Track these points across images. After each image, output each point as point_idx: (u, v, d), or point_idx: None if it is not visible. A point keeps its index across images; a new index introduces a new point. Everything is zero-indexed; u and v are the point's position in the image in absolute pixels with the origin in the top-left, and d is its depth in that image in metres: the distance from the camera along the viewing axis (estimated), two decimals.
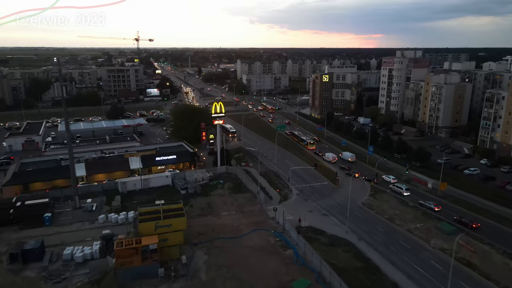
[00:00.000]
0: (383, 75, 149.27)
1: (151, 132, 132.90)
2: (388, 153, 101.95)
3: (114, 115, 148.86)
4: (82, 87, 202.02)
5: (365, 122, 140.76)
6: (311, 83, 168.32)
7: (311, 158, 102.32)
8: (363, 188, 79.97)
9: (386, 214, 67.22)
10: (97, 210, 67.95)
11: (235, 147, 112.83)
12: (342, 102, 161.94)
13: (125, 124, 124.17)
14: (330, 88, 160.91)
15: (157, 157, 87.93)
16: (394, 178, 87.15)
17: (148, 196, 74.85)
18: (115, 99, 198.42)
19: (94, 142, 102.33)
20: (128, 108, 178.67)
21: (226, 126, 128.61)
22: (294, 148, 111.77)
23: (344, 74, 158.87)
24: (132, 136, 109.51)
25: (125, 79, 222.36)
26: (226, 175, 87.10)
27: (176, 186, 78.48)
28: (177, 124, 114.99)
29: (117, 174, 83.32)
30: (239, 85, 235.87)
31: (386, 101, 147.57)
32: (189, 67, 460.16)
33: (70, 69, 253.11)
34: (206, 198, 74.17)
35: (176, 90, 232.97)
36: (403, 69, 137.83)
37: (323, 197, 75.75)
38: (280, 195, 75.77)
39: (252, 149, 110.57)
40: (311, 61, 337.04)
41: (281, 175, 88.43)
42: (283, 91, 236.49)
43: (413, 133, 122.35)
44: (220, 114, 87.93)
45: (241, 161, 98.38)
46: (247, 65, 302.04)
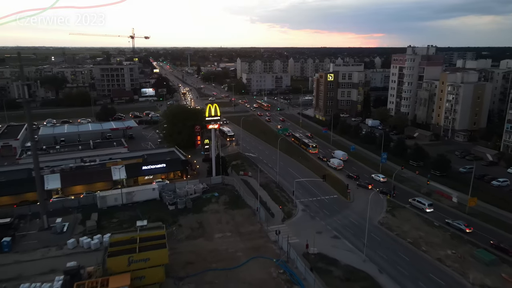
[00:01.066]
0: (393, 73, 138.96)
1: (143, 136, 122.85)
2: (402, 160, 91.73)
3: (104, 116, 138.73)
4: (73, 87, 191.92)
5: (373, 125, 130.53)
6: (314, 83, 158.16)
7: (316, 165, 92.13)
8: (378, 203, 69.71)
9: (409, 237, 56.99)
10: (69, 231, 57.90)
11: (233, 153, 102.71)
12: (348, 102, 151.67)
13: (114, 127, 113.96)
14: (336, 87, 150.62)
15: (144, 166, 77.81)
16: (383, 177, 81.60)
17: (131, 212, 64.82)
18: (107, 100, 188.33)
19: (76, 147, 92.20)
20: (121, 109, 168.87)
21: (223, 129, 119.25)
22: (298, 154, 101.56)
23: (351, 72, 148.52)
24: (119, 141, 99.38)
25: (119, 78, 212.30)
26: (222, 187, 76.98)
27: (164, 200, 68.38)
28: (169, 127, 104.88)
29: (97, 186, 73.27)
30: (238, 85, 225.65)
31: (396, 101, 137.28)
32: (189, 66, 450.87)
33: (62, 67, 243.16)
34: (197, 215, 64.03)
35: (173, 90, 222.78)
36: (415, 67, 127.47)
37: (333, 214, 65.54)
38: (283, 211, 65.60)
39: (252, 155, 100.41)
40: (313, 60, 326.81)
41: (284, 186, 78.29)
42: (284, 90, 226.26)
43: (428, 137, 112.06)
44: (215, 117, 77.80)
45: (240, 169, 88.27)
46: (247, 64, 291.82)
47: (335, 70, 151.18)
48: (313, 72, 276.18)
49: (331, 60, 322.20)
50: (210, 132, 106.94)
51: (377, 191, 75.09)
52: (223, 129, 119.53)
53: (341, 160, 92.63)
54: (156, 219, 61.57)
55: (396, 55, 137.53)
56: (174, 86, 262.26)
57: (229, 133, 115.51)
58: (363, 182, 79.37)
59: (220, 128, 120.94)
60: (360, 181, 79.96)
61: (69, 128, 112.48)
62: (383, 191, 74.11)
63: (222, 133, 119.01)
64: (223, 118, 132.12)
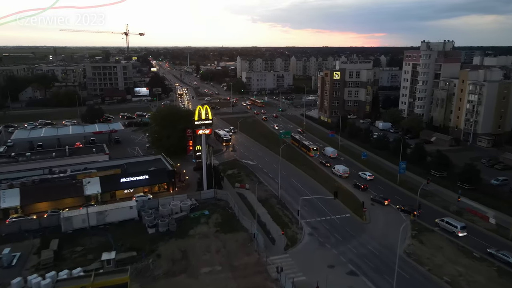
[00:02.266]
0: (405, 71, 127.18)
1: (131, 139, 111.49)
2: (422, 169, 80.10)
3: (91, 118, 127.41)
4: (61, 86, 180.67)
5: (384, 127, 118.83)
6: (319, 81, 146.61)
7: (324, 176, 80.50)
8: (399, 224, 58.01)
9: (445, 274, 45.34)
10: (19, 264, 46.57)
11: (229, 160, 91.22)
12: (355, 103, 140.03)
13: (97, 130, 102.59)
14: (342, 86, 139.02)
15: (123, 178, 66.35)
16: (370, 174, 77.76)
17: (101, 237, 53.49)
18: (98, 99, 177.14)
19: (49, 155, 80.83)
20: (111, 110, 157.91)
21: (219, 132, 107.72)
22: (301, 161, 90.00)
23: (359, 70, 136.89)
24: (100, 147, 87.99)
25: (112, 77, 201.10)
26: (214, 202, 65.52)
27: (144, 221, 56.99)
28: (157, 131, 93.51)
29: (66, 203, 61.89)
30: (237, 84, 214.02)
31: (409, 102, 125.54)
32: (188, 65, 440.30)
33: (53, 66, 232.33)
34: (182, 242, 52.58)
35: (169, 89, 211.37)
36: (431, 64, 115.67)
37: (346, 239, 53.98)
38: (286, 236, 54.07)
39: (250, 163, 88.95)
40: (316, 58, 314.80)
41: (287, 201, 66.78)
42: (286, 90, 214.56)
43: (448, 141, 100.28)
44: (206, 121, 66.30)
45: (235, 180, 76.81)
46: (247, 62, 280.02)
47: (341, 68, 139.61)
48: (316, 71, 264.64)
49: (335, 59, 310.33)
50: None
51: (397, 208, 63.62)
52: (219, 132, 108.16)
53: (347, 167, 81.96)
54: (130, 246, 50.41)
55: (409, 51, 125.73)
56: (171, 85, 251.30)
57: (226, 137, 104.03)
58: (378, 197, 67.91)
59: (215, 131, 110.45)
60: (376, 196, 68.42)
61: (47, 132, 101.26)
62: (404, 209, 62.57)
63: (217, 137, 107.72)
64: (231, 126, 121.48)
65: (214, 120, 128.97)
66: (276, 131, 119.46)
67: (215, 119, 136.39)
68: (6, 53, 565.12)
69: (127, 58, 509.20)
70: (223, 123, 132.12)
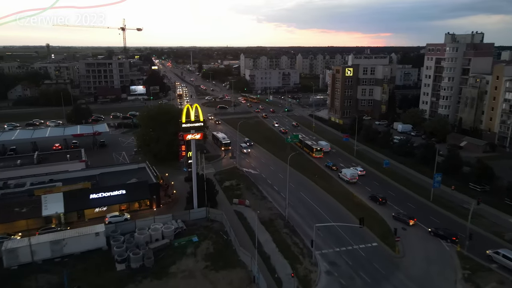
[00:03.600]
0: (428, 67, 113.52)
1: (119, 143, 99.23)
2: (457, 181, 66.57)
3: (77, 118, 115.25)
4: (51, 84, 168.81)
5: (404, 130, 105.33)
6: (329, 79, 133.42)
7: (339, 189, 67.35)
8: (443, 258, 44.95)
9: None
10: None
11: (228, 168, 78.35)
12: (370, 102, 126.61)
13: (78, 133, 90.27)
14: (355, 84, 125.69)
15: (93, 194, 53.66)
16: (361, 170, 72.73)
17: (53, 276, 40.90)
18: (90, 98, 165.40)
19: (13, 162, 68.42)
20: (104, 109, 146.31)
21: (218, 135, 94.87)
22: (309, 168, 76.95)
23: (374, 66, 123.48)
24: (76, 153, 75.49)
25: (107, 75, 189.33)
26: (206, 225, 52.75)
27: (113, 253, 44.33)
28: (145, 133, 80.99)
29: (20, 226, 49.39)
30: (240, 82, 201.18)
31: (432, 101, 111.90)
32: (191, 63, 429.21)
33: (46, 63, 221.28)
34: (158, 284, 39.83)
35: (168, 88, 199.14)
36: (459, 58, 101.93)
37: (377, 282, 40.81)
38: (296, 277, 41.02)
39: (252, 172, 76.10)
40: (323, 56, 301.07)
41: (296, 223, 53.85)
42: (292, 89, 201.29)
43: (481, 147, 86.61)
44: (196, 123, 53.48)
45: (233, 194, 63.98)
46: (251, 60, 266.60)
47: (354, 64, 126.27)
48: (324, 69, 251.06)
49: (343, 56, 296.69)
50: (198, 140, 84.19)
51: (429, 231, 50.57)
52: (217, 135, 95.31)
53: (356, 171, 71.10)
54: None
55: (432, 44, 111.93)
56: (171, 83, 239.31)
57: (225, 141, 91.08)
58: (402, 214, 55.23)
59: (213, 134, 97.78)
60: (399, 214, 55.60)
61: (21, 134, 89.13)
62: (439, 233, 49.49)
63: (216, 140, 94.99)
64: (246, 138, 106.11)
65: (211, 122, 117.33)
66: (278, 130, 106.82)
67: (214, 121, 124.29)
68: (10, 52, 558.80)
69: (130, 57, 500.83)
70: (224, 126, 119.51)
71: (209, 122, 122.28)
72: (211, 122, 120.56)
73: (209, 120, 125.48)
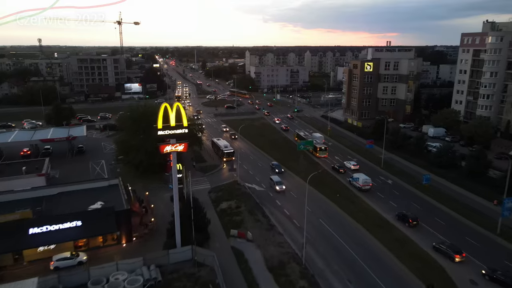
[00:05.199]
0: (463, 60, 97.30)
1: (101, 148, 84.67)
2: None
3: (58, 119, 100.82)
4: (38, 81, 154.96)
5: (437, 134, 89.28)
6: (345, 75, 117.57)
7: (370, 213, 51.78)
8: None
9: None
10: None
11: (227, 183, 63.06)
12: (392, 102, 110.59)
13: (49, 138, 75.65)
14: (375, 81, 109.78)
15: (35, 227, 38.65)
16: (355, 163, 69.65)
17: None
18: (81, 97, 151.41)
19: None
20: (95, 109, 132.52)
21: (218, 143, 78.59)
22: (332, 185, 61.41)
23: (398, 60, 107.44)
24: (37, 163, 60.58)
25: (101, 72, 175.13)
26: (192, 272, 37.58)
27: None
28: (125, 140, 66.03)
29: None
30: (245, 80, 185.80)
31: (467, 101, 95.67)
32: (195, 62, 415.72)
33: (37, 59, 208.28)
34: None
35: (167, 86, 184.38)
36: (504, 50, 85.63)
37: None
38: None
39: (257, 188, 60.79)
40: (333, 53, 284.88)
41: (318, 271, 38.43)
42: (301, 87, 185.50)
43: None
44: (178, 129, 38.29)
45: (232, 221, 48.76)
46: (257, 57, 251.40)
47: (375, 58, 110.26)
48: (334, 67, 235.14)
49: (354, 53, 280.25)
50: (190, 149, 69.35)
51: (482, 274, 35.28)
52: (217, 142, 79.43)
53: (369, 177, 59.07)
54: None
55: (469, 33, 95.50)
56: (172, 82, 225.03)
57: (227, 150, 74.88)
58: (444, 246, 40.11)
59: (213, 141, 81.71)
60: (442, 244, 40.77)
61: None
62: (498, 278, 34.27)
63: (216, 149, 79.12)
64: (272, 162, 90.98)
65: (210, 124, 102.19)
66: (286, 133, 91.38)
67: (215, 122, 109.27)
68: (14, 51, 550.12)
69: (134, 55, 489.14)
70: (224, 130, 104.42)
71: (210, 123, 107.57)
72: (213, 125, 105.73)
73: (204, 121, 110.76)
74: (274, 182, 60.34)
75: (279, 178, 62.07)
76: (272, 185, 60.67)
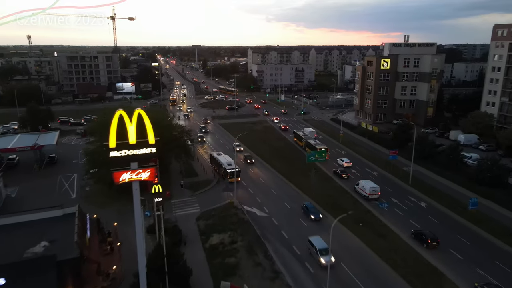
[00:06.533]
0: (496, 56, 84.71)
1: (77, 158, 72.66)
2: None
3: (33, 122, 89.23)
4: (22, 80, 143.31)
5: (468, 142, 76.76)
6: (358, 73, 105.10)
7: (410, 259, 39.43)
8: None
9: None
10: None
11: (221, 205, 50.89)
12: (412, 103, 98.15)
13: (9, 147, 63.69)
14: (393, 80, 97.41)
15: None
16: (347, 161, 65.20)
17: None
18: (68, 97, 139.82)
19: None
20: (83, 110, 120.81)
21: (219, 159, 62.06)
22: (348, 205, 49.07)
23: (419, 56, 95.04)
24: None
25: (93, 70, 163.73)
26: None
27: None
28: (96, 151, 53.98)
29: None
30: (246, 79, 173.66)
31: (502, 103, 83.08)
32: (196, 61, 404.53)
33: (26, 57, 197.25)
34: None
35: (163, 86, 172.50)
36: None
37: None
38: None
39: (258, 213, 48.56)
40: (339, 52, 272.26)
41: None
42: (307, 87, 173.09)
43: None
44: (141, 149, 26.12)
45: (224, 263, 36.61)
46: (259, 55, 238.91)
47: (392, 54, 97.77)
48: (342, 65, 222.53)
49: (361, 52, 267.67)
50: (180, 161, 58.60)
51: None
52: (218, 158, 62.48)
53: (376, 185, 50.93)
54: None
55: (504, 25, 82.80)
56: (169, 80, 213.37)
57: (230, 168, 56.74)
58: None
59: (213, 156, 65.41)
60: None
61: None
62: None
63: (217, 166, 62.70)
64: None
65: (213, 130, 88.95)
66: (293, 141, 79.04)
67: (212, 126, 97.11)
68: (14, 50, 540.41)
69: (134, 54, 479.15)
70: (221, 134, 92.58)
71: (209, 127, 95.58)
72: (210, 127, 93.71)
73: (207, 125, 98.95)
74: (316, 250, 37.01)
75: (324, 242, 37.61)
76: (312, 252, 38.00)
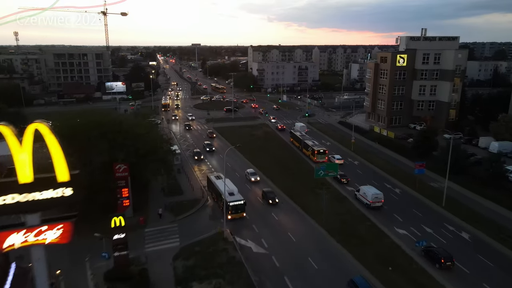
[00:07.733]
0: None
1: None
2: None
3: None
4: (4, 78, 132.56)
5: (504, 150, 65.41)
6: (370, 71, 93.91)
7: None
8: None
9: None
10: None
11: (208, 236, 39.81)
12: (431, 105, 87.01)
13: None
14: (410, 78, 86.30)
15: None
16: (339, 158, 62.28)
17: None
18: (52, 97, 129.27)
19: None
20: (66, 112, 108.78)
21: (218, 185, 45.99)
22: (367, 234, 38.01)
23: (440, 52, 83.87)
24: None
25: (81, 68, 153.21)
26: None
27: None
28: None
29: None
30: (246, 78, 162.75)
31: None
32: (196, 60, 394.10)
33: (12, 55, 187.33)
34: None
35: (157, 85, 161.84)
36: None
37: None
38: None
39: (254, 249, 37.51)
40: (344, 50, 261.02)
41: None
42: (311, 87, 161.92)
43: None
44: (42, 188, 15.02)
45: None
46: (260, 53, 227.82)
47: (409, 49, 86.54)
48: (348, 64, 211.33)
49: (366, 50, 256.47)
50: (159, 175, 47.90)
51: None
52: (217, 185, 46.52)
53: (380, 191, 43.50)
54: None
55: None
56: (166, 80, 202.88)
57: (234, 201, 42.55)
58: None
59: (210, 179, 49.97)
60: None
61: None
62: None
63: (215, 194, 47.27)
64: None
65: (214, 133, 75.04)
66: (296, 148, 67.92)
67: (205, 131, 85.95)
68: (15, 50, 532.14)
69: (134, 54, 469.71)
70: (218, 141, 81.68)
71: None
72: None
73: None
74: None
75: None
76: None
